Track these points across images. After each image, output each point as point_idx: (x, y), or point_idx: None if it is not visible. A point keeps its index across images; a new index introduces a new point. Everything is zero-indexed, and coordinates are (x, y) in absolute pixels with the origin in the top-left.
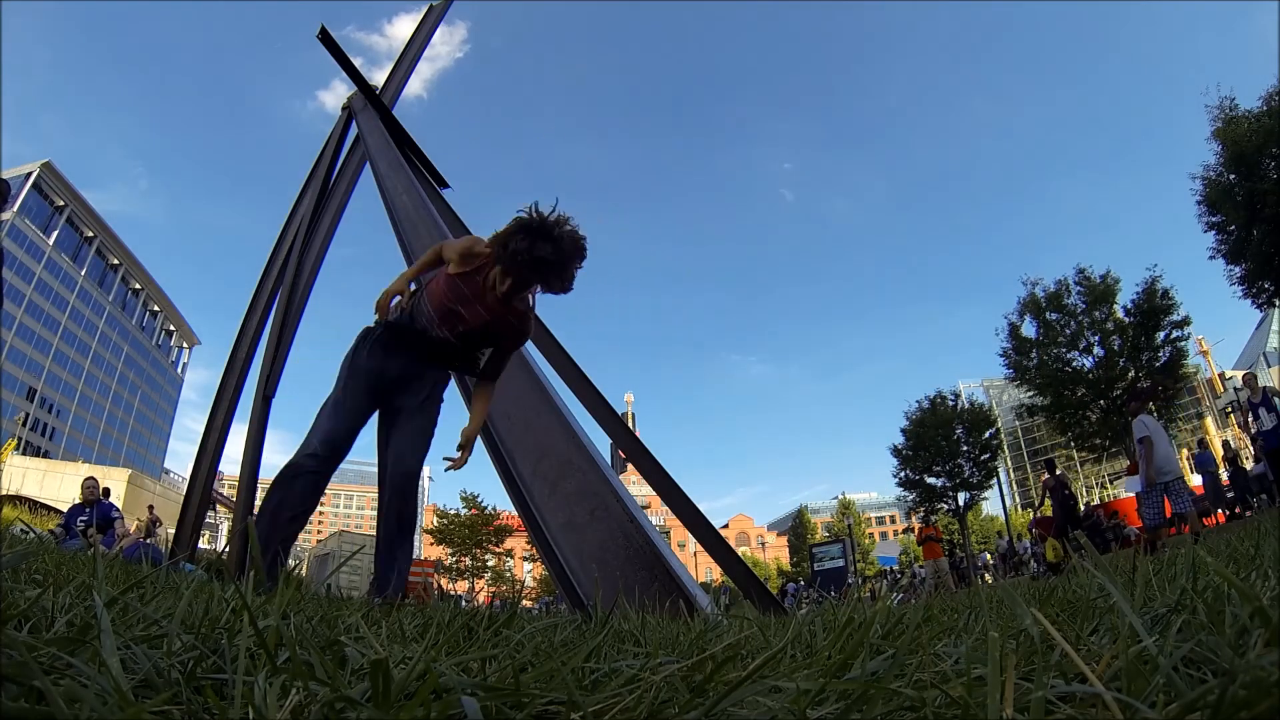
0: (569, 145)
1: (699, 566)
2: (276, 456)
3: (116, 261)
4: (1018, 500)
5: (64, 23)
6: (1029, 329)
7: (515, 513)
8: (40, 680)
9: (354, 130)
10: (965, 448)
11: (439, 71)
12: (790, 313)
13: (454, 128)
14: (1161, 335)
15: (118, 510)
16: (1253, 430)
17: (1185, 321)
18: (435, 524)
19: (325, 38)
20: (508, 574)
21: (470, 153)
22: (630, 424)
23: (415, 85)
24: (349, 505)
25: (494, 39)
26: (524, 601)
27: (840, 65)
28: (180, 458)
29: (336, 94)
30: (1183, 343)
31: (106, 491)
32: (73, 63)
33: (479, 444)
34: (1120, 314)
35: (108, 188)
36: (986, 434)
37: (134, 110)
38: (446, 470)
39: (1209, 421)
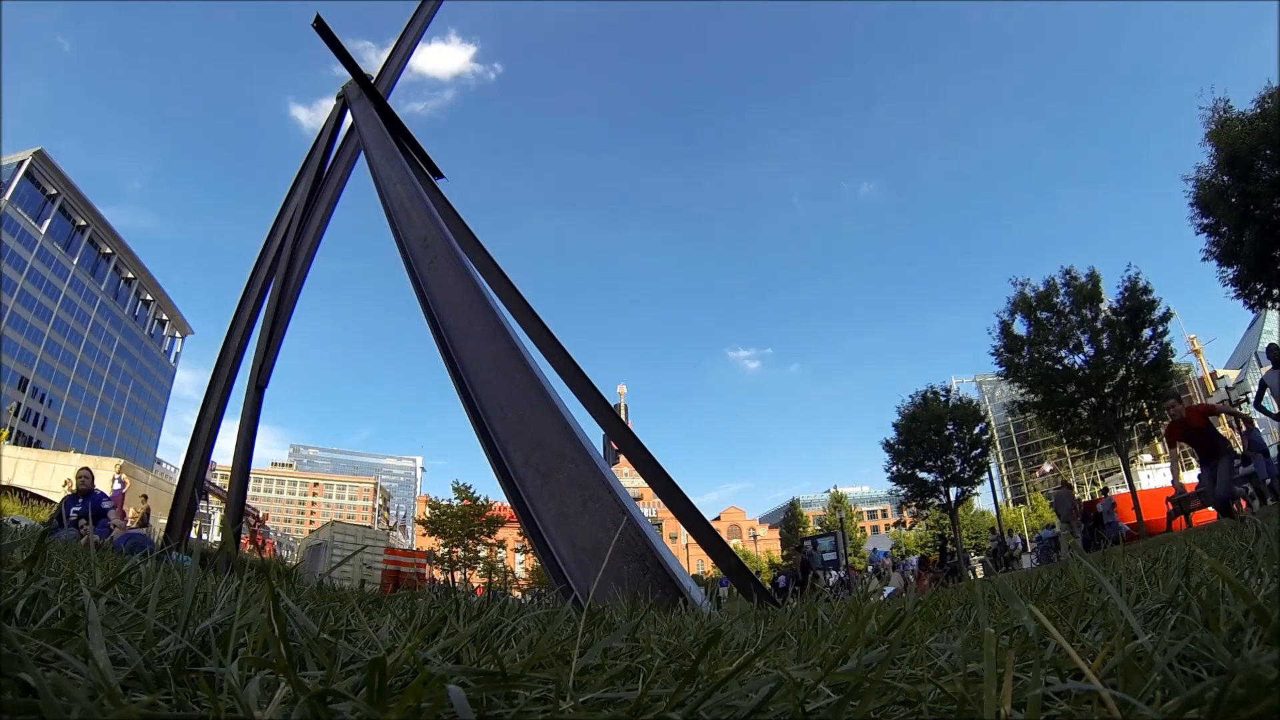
0: (572, 145)
1: (690, 558)
2: (268, 450)
3: (109, 250)
4: (1009, 495)
5: (71, 23)
6: (1020, 327)
7: (507, 503)
8: (31, 672)
9: (349, 119)
10: (957, 443)
11: (455, 80)
12: (786, 309)
13: (468, 136)
14: (1149, 332)
15: (109, 500)
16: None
17: (1167, 317)
18: (428, 515)
19: (320, 27)
20: (500, 565)
21: (481, 161)
22: (623, 416)
23: (431, 106)
24: (341, 495)
25: (503, 51)
26: (514, 592)
27: (843, 69)
28: (173, 449)
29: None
30: (1165, 337)
31: (99, 492)
32: (79, 64)
33: (471, 433)
34: (1108, 311)
35: (108, 180)
36: (977, 429)
37: (139, 108)
38: None
39: None
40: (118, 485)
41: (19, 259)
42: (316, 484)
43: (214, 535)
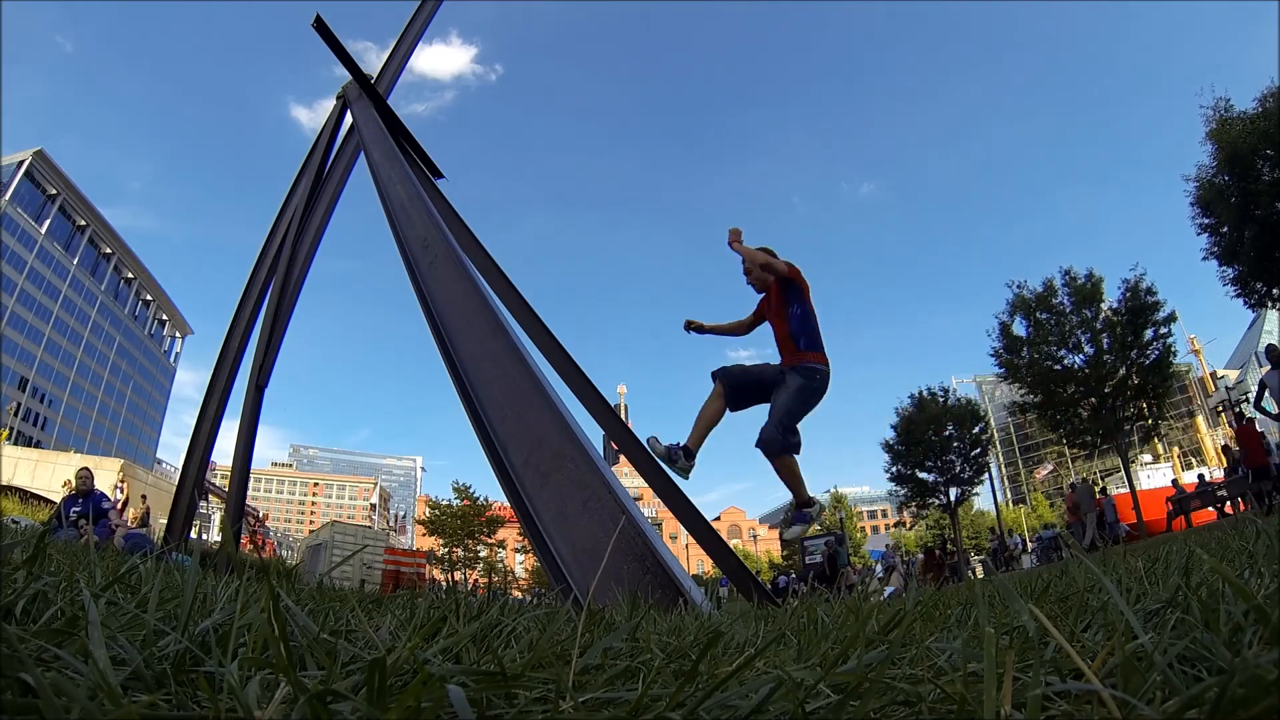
0: (572, 145)
1: (690, 558)
2: (268, 450)
3: (109, 250)
4: (1009, 495)
5: (71, 23)
6: (1020, 328)
7: (507, 503)
8: (31, 672)
9: (349, 119)
10: (956, 444)
11: (456, 80)
12: None
13: (468, 136)
14: (1150, 333)
15: (109, 500)
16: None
17: (1171, 318)
18: (428, 515)
19: (320, 27)
20: (500, 565)
21: (481, 161)
22: (623, 416)
23: (432, 107)
24: (341, 495)
25: (504, 52)
26: (514, 592)
27: (843, 69)
28: (173, 449)
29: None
30: (1168, 338)
31: (99, 492)
32: (79, 64)
33: (471, 433)
34: (1108, 311)
35: (108, 180)
36: (976, 429)
37: (139, 108)
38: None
39: (1200, 420)
40: (117, 493)
41: (19, 259)
42: (316, 484)
43: (214, 535)
